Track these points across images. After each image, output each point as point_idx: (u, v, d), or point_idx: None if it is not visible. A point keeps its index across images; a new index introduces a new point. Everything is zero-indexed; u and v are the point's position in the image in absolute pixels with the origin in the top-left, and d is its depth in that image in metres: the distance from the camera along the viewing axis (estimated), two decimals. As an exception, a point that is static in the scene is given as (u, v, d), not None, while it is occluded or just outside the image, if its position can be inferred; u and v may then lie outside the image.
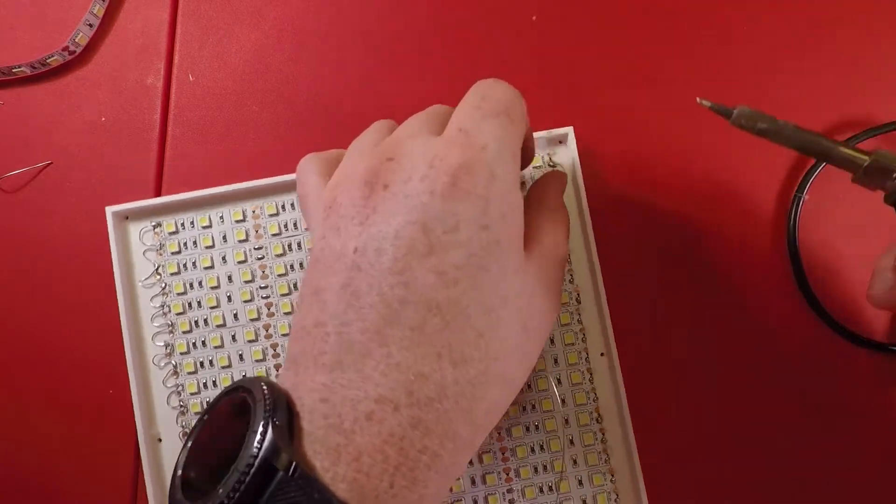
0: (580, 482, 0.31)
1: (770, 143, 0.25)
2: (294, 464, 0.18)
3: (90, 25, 0.34)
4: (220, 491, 0.18)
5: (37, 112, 0.34)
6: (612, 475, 0.31)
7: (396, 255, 0.20)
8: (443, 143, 0.22)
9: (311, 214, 0.25)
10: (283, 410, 0.19)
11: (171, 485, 0.20)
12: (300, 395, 0.20)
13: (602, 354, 0.31)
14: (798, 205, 0.32)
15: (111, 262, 0.31)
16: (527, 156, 0.27)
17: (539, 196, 0.27)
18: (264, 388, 0.20)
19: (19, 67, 0.33)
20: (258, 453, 0.18)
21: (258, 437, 0.18)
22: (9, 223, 0.33)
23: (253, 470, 0.18)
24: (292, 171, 0.31)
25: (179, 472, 0.20)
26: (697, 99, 0.25)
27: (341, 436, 0.19)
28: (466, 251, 0.21)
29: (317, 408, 0.20)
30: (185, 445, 0.21)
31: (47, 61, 0.33)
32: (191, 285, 0.32)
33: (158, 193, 0.33)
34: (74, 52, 0.34)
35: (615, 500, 0.31)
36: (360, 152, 0.23)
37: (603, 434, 0.31)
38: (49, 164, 0.34)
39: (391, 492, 0.19)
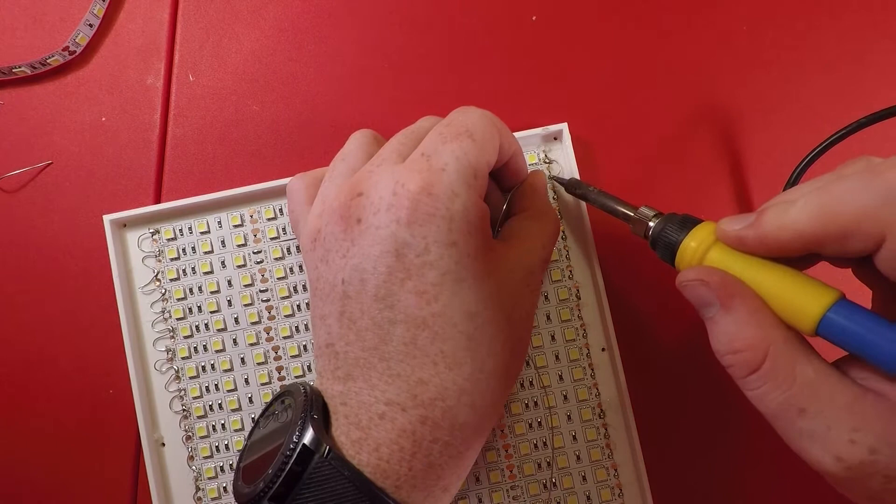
0: (584, 478, 0.31)
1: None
2: (328, 448, 0.21)
3: (90, 25, 0.34)
4: (270, 472, 0.21)
5: (37, 112, 0.34)
6: (616, 470, 0.31)
7: (377, 282, 0.23)
8: (405, 169, 0.23)
9: (300, 239, 0.27)
10: (319, 407, 0.23)
11: (235, 475, 0.24)
12: (327, 400, 0.24)
13: (603, 350, 0.31)
14: None
15: (111, 268, 0.31)
16: (513, 172, 0.29)
17: (525, 199, 0.29)
18: (303, 389, 0.23)
19: (19, 67, 0.33)
20: (299, 440, 0.21)
21: (299, 427, 0.22)
22: (9, 223, 0.33)
23: (295, 454, 0.21)
24: (291, 173, 0.31)
25: (241, 464, 0.24)
26: (547, 172, 0.32)
27: (361, 431, 0.22)
28: (440, 270, 0.22)
29: (338, 409, 0.23)
30: (244, 445, 0.25)
31: (47, 61, 0.33)
32: (191, 290, 0.32)
33: (158, 194, 0.33)
34: (74, 52, 0.34)
35: (619, 495, 0.31)
36: (334, 182, 0.26)
37: (606, 429, 0.31)
38: (49, 164, 0.33)
39: (410, 474, 0.22)
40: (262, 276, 0.32)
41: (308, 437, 0.21)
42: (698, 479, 0.32)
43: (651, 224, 0.25)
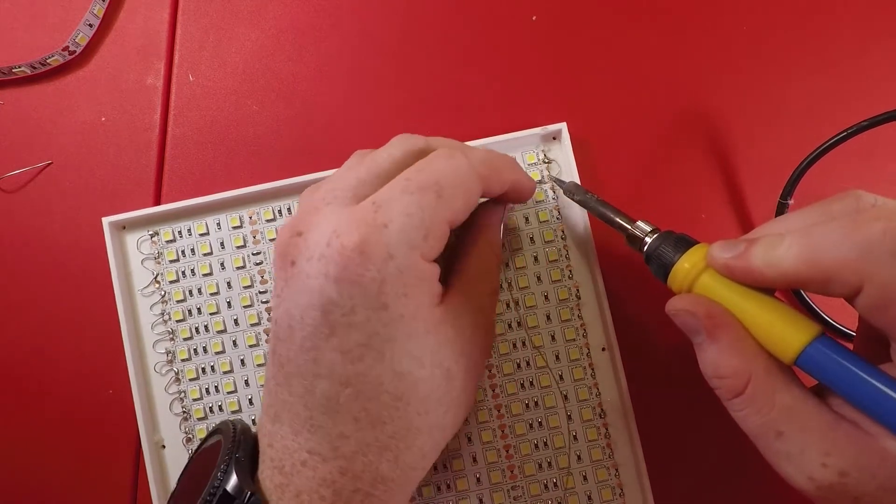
0: (584, 477, 0.31)
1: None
2: (249, 493, 0.21)
3: (90, 25, 0.34)
4: None
5: (37, 112, 0.34)
6: (617, 469, 0.31)
7: (303, 334, 0.22)
8: (347, 218, 0.22)
9: None
10: (247, 448, 0.23)
11: None
12: (260, 438, 0.23)
13: (603, 349, 0.31)
14: (783, 211, 0.32)
15: (110, 270, 0.31)
16: (516, 197, 0.28)
17: (470, 230, 0.28)
18: (232, 428, 0.23)
19: (19, 67, 0.33)
20: (220, 483, 0.21)
21: (222, 469, 0.22)
22: (8, 223, 0.33)
23: (216, 499, 0.21)
24: (291, 174, 0.31)
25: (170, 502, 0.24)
26: (547, 173, 0.32)
27: (283, 476, 0.22)
28: (366, 332, 0.21)
29: (266, 451, 0.23)
30: (178, 479, 0.25)
31: (47, 61, 0.33)
32: (190, 292, 0.32)
33: (158, 195, 0.33)
34: (74, 52, 0.34)
35: (620, 494, 0.31)
36: (296, 212, 0.25)
37: (606, 429, 0.31)
38: (49, 164, 0.33)
39: None
40: (262, 277, 0.32)
41: (231, 482, 0.21)
42: (699, 478, 0.32)
43: (647, 240, 0.26)
